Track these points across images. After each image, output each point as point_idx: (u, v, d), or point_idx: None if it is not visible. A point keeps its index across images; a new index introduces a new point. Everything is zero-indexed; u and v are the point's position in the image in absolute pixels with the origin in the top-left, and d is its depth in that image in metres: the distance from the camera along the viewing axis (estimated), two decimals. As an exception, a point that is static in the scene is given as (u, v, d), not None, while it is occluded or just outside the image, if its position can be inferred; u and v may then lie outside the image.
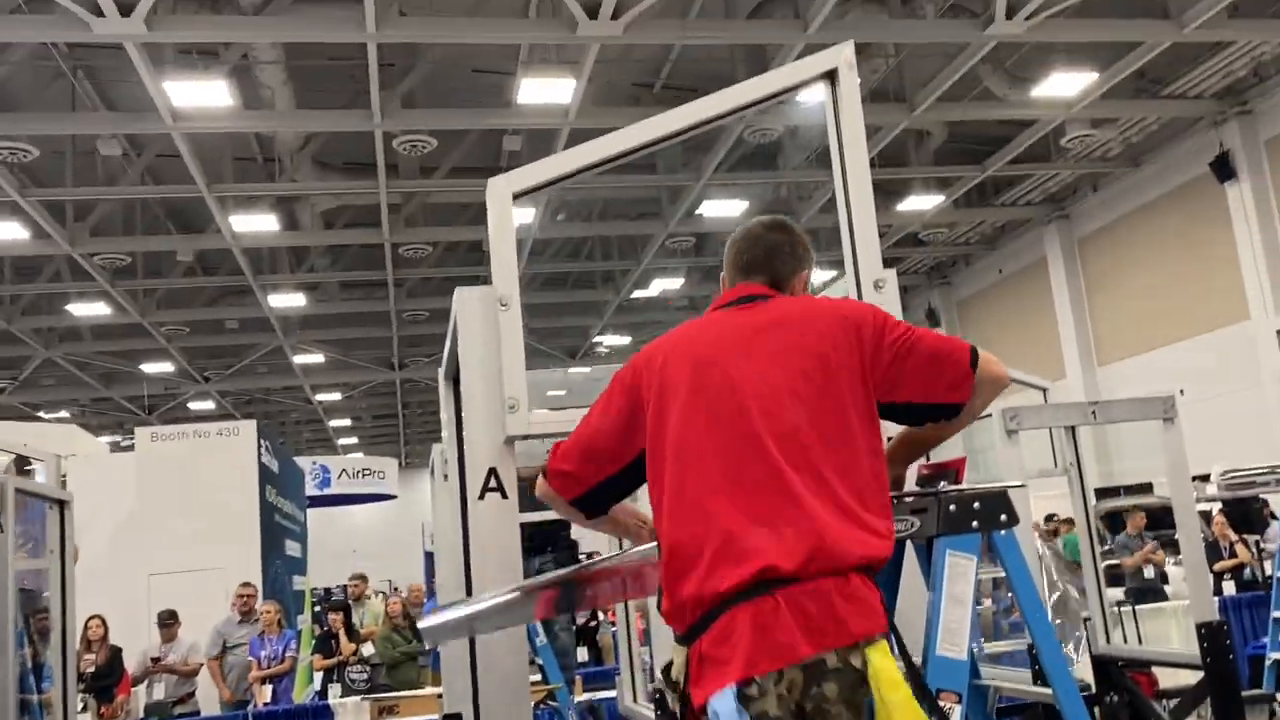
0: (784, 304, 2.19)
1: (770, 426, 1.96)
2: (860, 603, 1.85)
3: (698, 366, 2.05)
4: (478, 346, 1.98)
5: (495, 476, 1.89)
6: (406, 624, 8.89)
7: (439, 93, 13.41)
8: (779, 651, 1.79)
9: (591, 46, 11.04)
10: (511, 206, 2.12)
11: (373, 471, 17.89)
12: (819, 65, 2.49)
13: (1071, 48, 12.82)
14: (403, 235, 16.48)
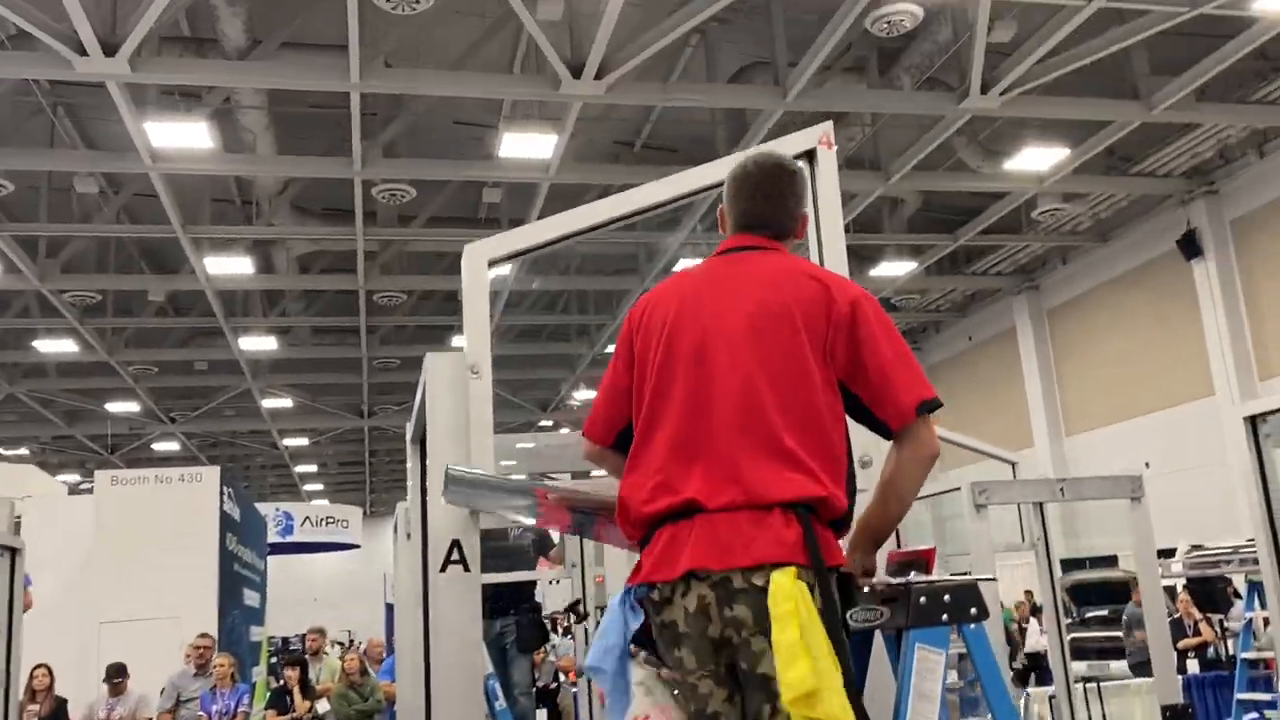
0: (770, 260, 2.29)
1: (724, 374, 2.12)
2: (773, 531, 1.98)
3: (675, 315, 2.22)
4: (446, 414, 1.97)
5: (458, 549, 1.86)
6: (364, 681, 8.71)
7: (420, 142, 13.48)
8: (679, 561, 2.00)
9: (574, 104, 11.15)
10: (487, 273, 2.12)
11: (336, 520, 17.65)
12: (798, 145, 2.56)
13: (1044, 124, 13.09)
14: (378, 282, 16.45)
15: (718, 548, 1.98)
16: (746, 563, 1.95)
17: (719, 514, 2.01)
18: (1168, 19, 10.46)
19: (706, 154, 13.82)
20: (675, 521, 2.04)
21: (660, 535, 2.06)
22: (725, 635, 1.96)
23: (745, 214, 2.36)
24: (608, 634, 2.04)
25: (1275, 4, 10.16)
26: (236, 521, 10.50)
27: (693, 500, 2.03)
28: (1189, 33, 11.26)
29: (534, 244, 2.30)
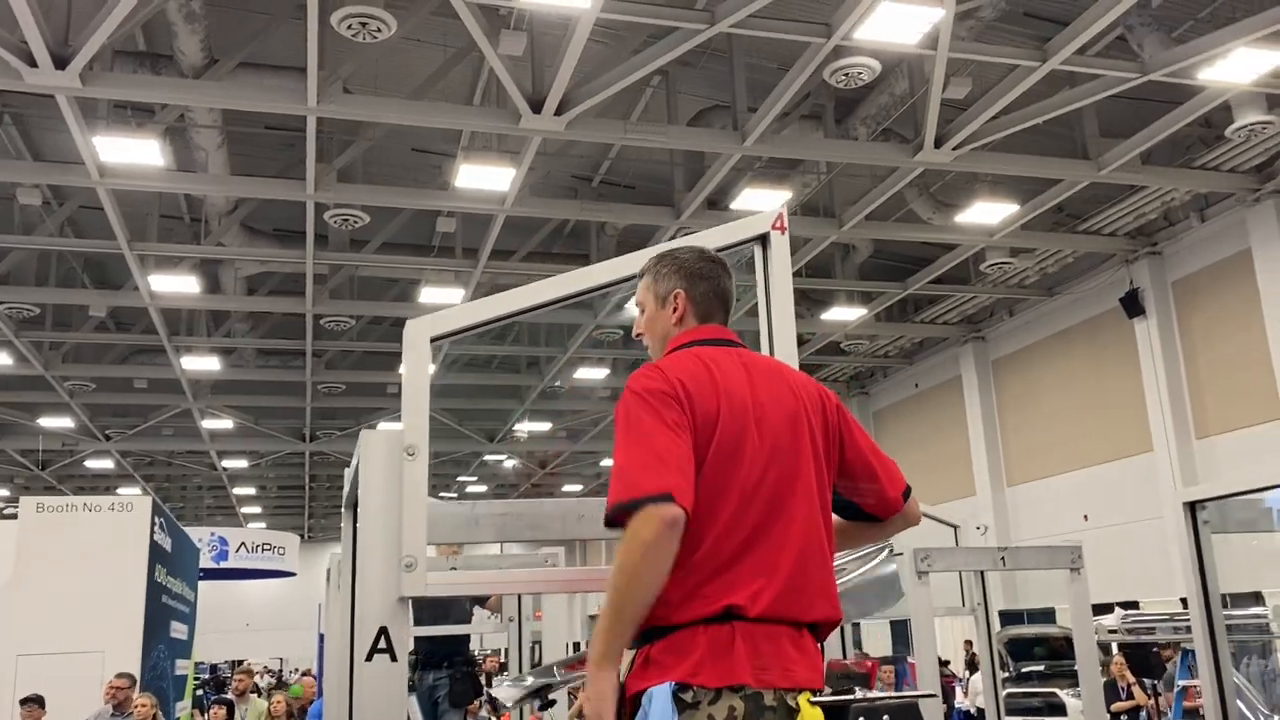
0: (756, 356, 2.29)
1: (774, 475, 2.07)
2: (808, 655, 2.01)
3: (730, 399, 2.11)
4: (379, 495, 1.88)
5: (386, 637, 1.78)
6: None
7: (376, 167, 13.39)
8: (722, 671, 1.91)
9: (533, 139, 11.14)
10: (429, 350, 2.05)
11: (273, 547, 17.27)
12: (753, 228, 2.55)
13: (995, 179, 13.33)
14: (326, 306, 16.24)
15: (760, 666, 1.94)
16: (785, 685, 1.96)
17: (762, 627, 1.96)
18: (1118, 84, 10.72)
19: (664, 193, 13.90)
20: (709, 624, 1.95)
21: (697, 635, 1.94)
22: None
23: (713, 309, 2.33)
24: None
25: (1220, 75, 10.44)
26: (167, 552, 10.19)
27: (735, 607, 1.96)
28: (1137, 97, 11.55)
29: (477, 321, 2.23)
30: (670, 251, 2.40)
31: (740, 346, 2.28)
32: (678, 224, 13.46)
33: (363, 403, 22.47)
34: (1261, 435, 13.60)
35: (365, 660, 1.76)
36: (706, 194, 12.83)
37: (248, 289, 16.22)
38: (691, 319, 2.33)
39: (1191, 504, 3.34)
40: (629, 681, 1.99)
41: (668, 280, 2.35)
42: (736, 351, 2.25)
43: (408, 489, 1.88)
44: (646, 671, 1.98)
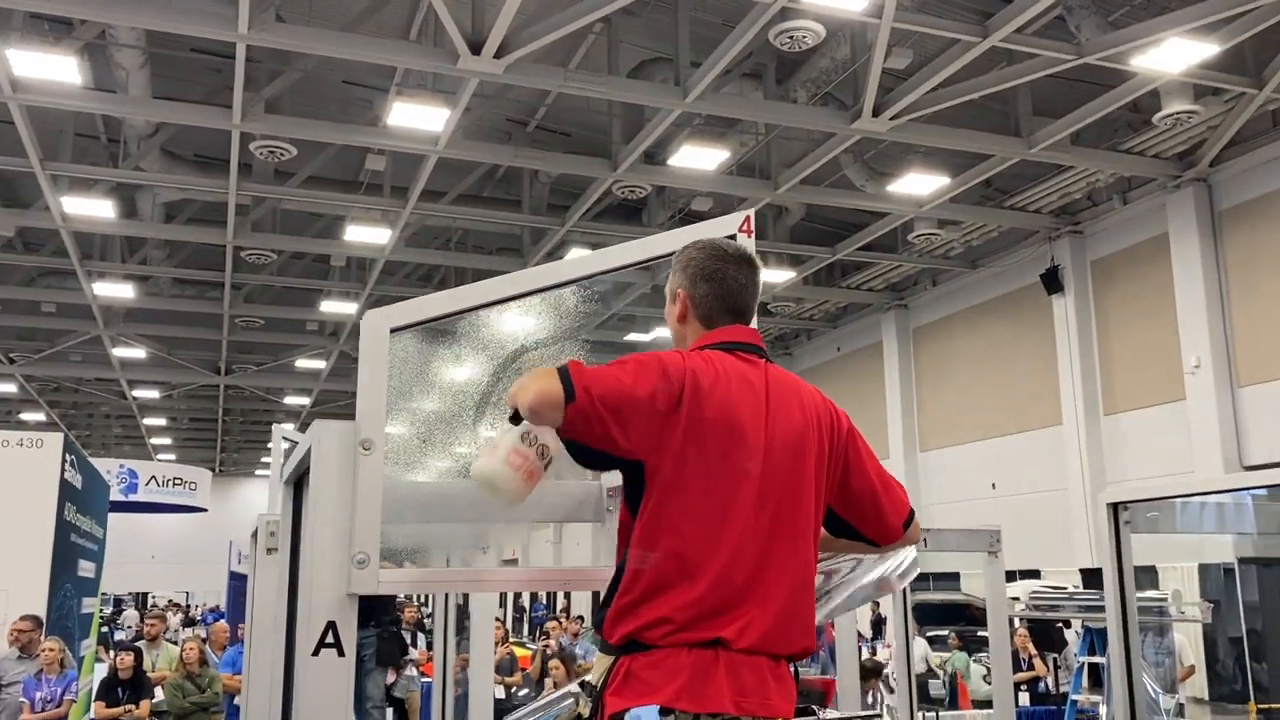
0: (777, 371, 2.21)
1: (775, 501, 2.04)
2: (786, 685, 2.02)
3: (742, 418, 2.05)
4: (330, 489, 1.81)
5: (334, 632, 1.74)
6: (202, 671, 8.28)
7: (305, 99, 13.01)
8: (705, 699, 1.91)
9: (470, 81, 10.92)
10: (387, 342, 1.99)
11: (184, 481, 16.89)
12: (720, 229, 2.51)
13: (929, 151, 13.46)
14: (247, 239, 15.82)
15: (742, 694, 1.95)
16: (764, 714, 1.97)
17: (745, 657, 1.96)
18: (1054, 64, 10.86)
19: (601, 142, 13.76)
20: (694, 648, 1.94)
21: (680, 656, 1.93)
22: None
23: (743, 309, 2.25)
24: None
25: (1152, 62, 10.65)
26: (77, 490, 9.88)
27: (720, 640, 1.95)
28: (1070, 78, 11.74)
29: (441, 313, 2.16)
30: (691, 244, 2.30)
31: (762, 353, 2.19)
32: (614, 176, 13.37)
33: (281, 338, 22.04)
34: (1163, 415, 14.10)
35: (311, 655, 1.72)
36: (645, 148, 12.73)
37: (166, 216, 15.71)
38: (695, 320, 2.24)
39: (1114, 505, 3.45)
40: (608, 697, 1.97)
41: (676, 276, 2.27)
42: (755, 364, 2.16)
43: (361, 484, 1.83)
44: (627, 688, 1.95)
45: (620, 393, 1.95)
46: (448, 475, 2.19)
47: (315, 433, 1.86)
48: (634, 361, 2.02)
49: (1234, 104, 12.03)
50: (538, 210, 15.48)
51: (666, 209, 15.82)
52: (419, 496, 2.10)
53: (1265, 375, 12.93)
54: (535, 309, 2.41)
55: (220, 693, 8.29)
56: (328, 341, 22.19)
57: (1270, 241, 13.03)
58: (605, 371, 1.97)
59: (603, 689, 1.98)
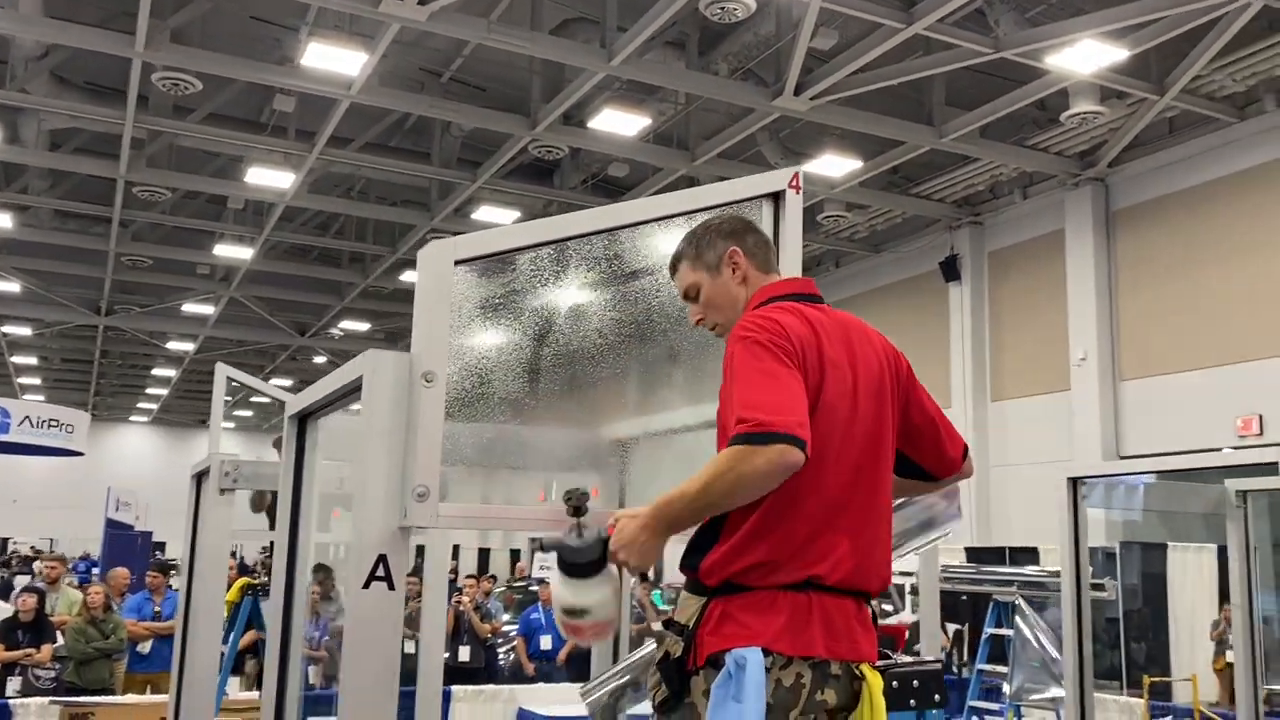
0: (844, 315, 2.25)
1: (861, 441, 2.10)
2: (870, 630, 2.08)
3: (835, 368, 2.09)
4: (384, 420, 1.74)
5: (385, 565, 1.68)
6: (106, 617, 7.95)
7: (212, 32, 12.43)
8: (800, 642, 1.96)
9: (391, 25, 10.59)
10: (451, 274, 1.90)
11: (60, 423, 16.13)
12: (767, 185, 2.49)
13: (843, 134, 13.63)
14: (141, 174, 15.12)
15: (833, 637, 2.00)
16: (851, 657, 2.02)
17: (836, 599, 2.02)
18: (972, 56, 11.09)
19: (516, 99, 13.53)
20: (789, 590, 1.98)
21: (778, 599, 1.97)
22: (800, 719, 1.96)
23: (770, 251, 2.33)
24: (750, 702, 1.86)
25: (1065, 62, 10.97)
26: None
27: (816, 577, 2.00)
28: (983, 72, 12.01)
29: (510, 247, 2.08)
30: (699, 224, 2.33)
31: (823, 302, 2.24)
32: (531, 134, 13.17)
33: (169, 280, 21.20)
34: (1048, 404, 14.66)
35: (362, 588, 1.67)
36: (565, 108, 12.56)
37: (51, 144, 14.89)
38: (755, 272, 2.26)
39: (1074, 480, 3.57)
40: (705, 637, 1.98)
41: (714, 245, 2.26)
42: (827, 310, 2.21)
43: (425, 417, 1.76)
44: (724, 629, 1.96)
45: (794, 394, 1.97)
46: (498, 418, 2.12)
47: (369, 364, 1.77)
48: (764, 368, 1.99)
49: (1136, 108, 12.48)
50: (447, 164, 15.18)
51: (580, 172, 15.69)
52: (478, 437, 2.03)
53: (1145, 371, 13.55)
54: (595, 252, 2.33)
55: (124, 639, 8.00)
56: (218, 286, 21.43)
57: (1159, 244, 13.61)
58: (775, 398, 1.93)
59: (696, 628, 2.00)
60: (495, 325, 2.17)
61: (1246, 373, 12.26)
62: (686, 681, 1.98)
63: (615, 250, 2.37)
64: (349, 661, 1.63)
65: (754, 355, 1.99)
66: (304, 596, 1.69)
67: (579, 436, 2.34)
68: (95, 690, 7.46)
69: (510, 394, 2.13)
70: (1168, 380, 13.22)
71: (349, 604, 1.67)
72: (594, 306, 2.39)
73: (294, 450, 2.08)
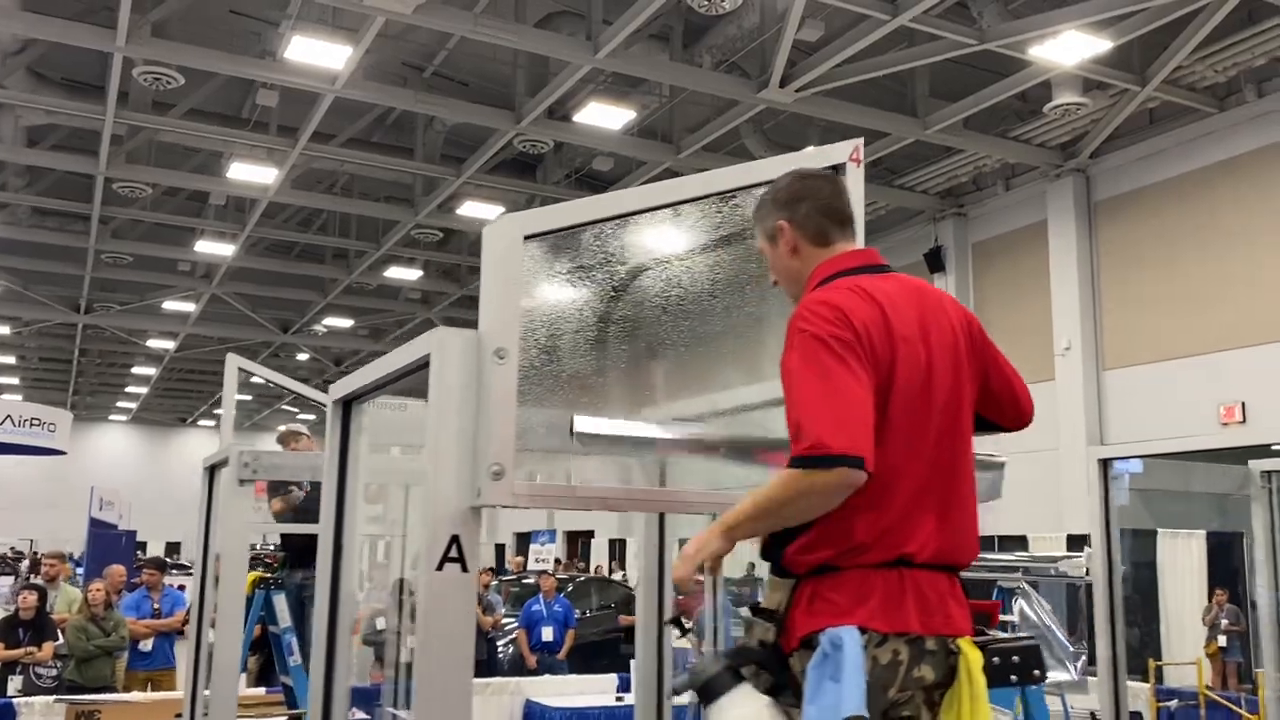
0: (915, 283, 2.18)
1: (942, 412, 2.06)
2: (963, 604, 2.06)
3: (906, 345, 2.04)
4: (455, 398, 1.72)
5: (458, 545, 1.67)
6: (107, 615, 7.86)
7: (189, 26, 12.32)
8: (895, 619, 1.94)
9: (376, 19, 10.54)
10: (521, 249, 1.88)
11: (43, 423, 15.95)
12: (829, 157, 2.47)
13: (827, 125, 13.64)
14: (122, 170, 14.98)
15: (927, 613, 1.98)
16: (946, 631, 1.99)
17: (928, 574, 2.00)
18: (957, 48, 11.12)
19: (499, 94, 13.49)
20: (881, 568, 1.96)
21: (869, 577, 1.95)
22: (898, 696, 1.94)
23: (847, 219, 2.23)
24: (850, 681, 1.84)
25: (1048, 53, 11.02)
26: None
27: (907, 555, 1.99)
28: (966, 64, 12.06)
29: (579, 221, 2.07)
30: (766, 189, 2.27)
31: (890, 270, 2.17)
32: (517, 129, 13.13)
33: (150, 277, 21.02)
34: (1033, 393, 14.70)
35: (435, 569, 1.65)
36: (550, 102, 12.53)
37: (28, 140, 14.74)
38: (808, 245, 2.19)
39: (1104, 461, 3.59)
40: (797, 617, 1.96)
41: (769, 216, 2.22)
42: (896, 279, 2.14)
43: (498, 394, 1.74)
44: (816, 609, 1.94)
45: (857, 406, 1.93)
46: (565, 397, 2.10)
47: (436, 342, 1.75)
48: (825, 374, 1.94)
49: (1118, 99, 12.56)
50: (431, 159, 15.12)
51: (563, 167, 15.66)
52: (549, 417, 2.02)
53: (1128, 360, 13.65)
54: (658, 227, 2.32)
55: (126, 636, 7.93)
56: (199, 283, 21.28)
57: (1139, 234, 13.71)
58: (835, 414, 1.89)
59: (788, 611, 1.98)
60: (552, 302, 2.15)
61: (1228, 361, 12.38)
62: (785, 665, 1.98)
63: (673, 227, 2.37)
64: (424, 644, 1.62)
65: (811, 355, 1.94)
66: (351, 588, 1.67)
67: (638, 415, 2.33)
68: (97, 688, 7.40)
69: (566, 373, 2.12)
70: (1150, 369, 13.33)
71: (421, 586, 1.66)
72: (654, 283, 2.39)
73: (339, 435, 2.06)
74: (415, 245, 18.69)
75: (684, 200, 2.27)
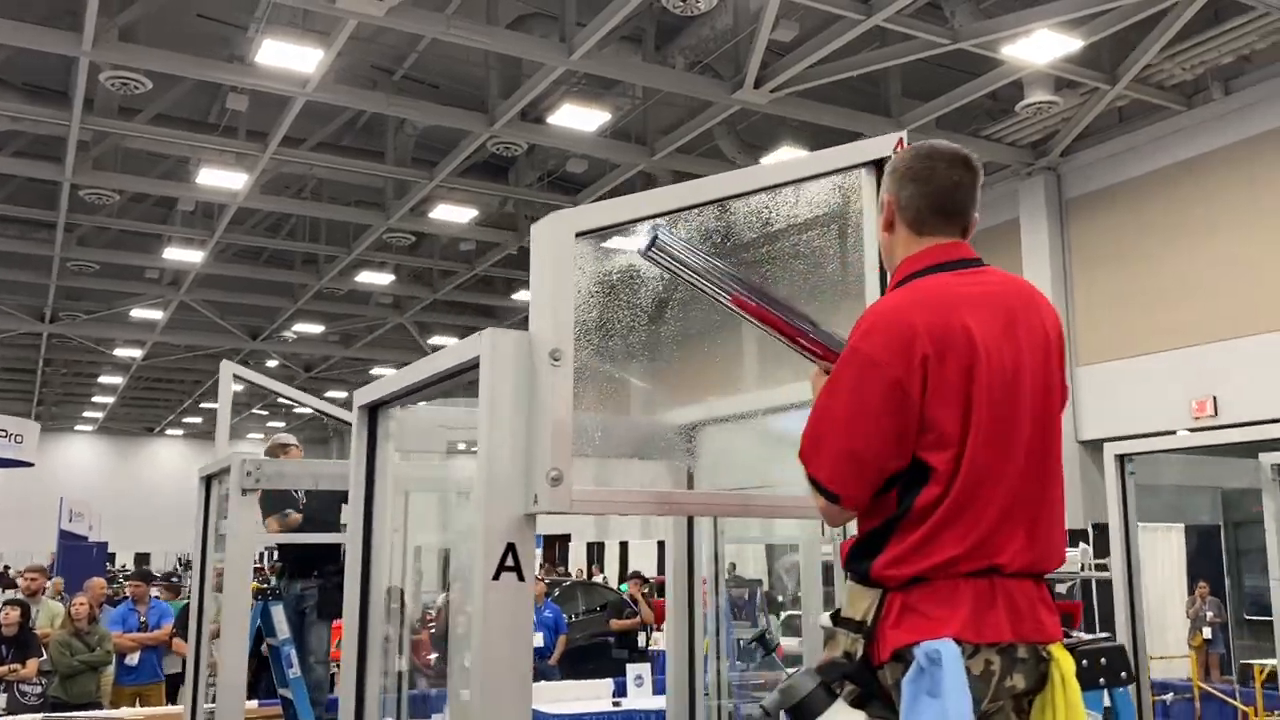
0: (1006, 279, 2.11)
1: (1039, 422, 2.01)
2: (1052, 610, 2.02)
3: (988, 349, 1.96)
4: (508, 402, 1.66)
5: (514, 553, 1.62)
6: (91, 629, 7.70)
7: (155, 31, 12.14)
8: (987, 630, 1.91)
9: (348, 21, 10.43)
10: (573, 247, 1.84)
11: (9, 434, 15.70)
12: (868, 152, 2.42)
13: (800, 126, 13.66)
14: (88, 177, 14.76)
15: (1018, 621, 1.94)
16: (1038, 639, 1.97)
17: (1017, 582, 1.96)
18: (930, 47, 11.17)
19: (470, 96, 13.39)
20: (972, 577, 1.92)
21: (960, 587, 1.91)
22: (990, 707, 1.91)
23: (953, 211, 2.12)
24: (953, 696, 1.80)
25: (1021, 52, 11.09)
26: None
27: (997, 566, 1.95)
28: (938, 64, 12.11)
29: (632, 217, 2.03)
30: (905, 149, 2.18)
31: (982, 265, 2.09)
32: (490, 131, 13.05)
33: (116, 285, 20.72)
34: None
35: (492, 579, 1.61)
36: (524, 104, 12.46)
37: (-10, 147, 14.50)
38: (902, 226, 2.10)
39: (1121, 457, 3.58)
40: (886, 631, 1.91)
41: (884, 183, 2.14)
42: (983, 276, 2.06)
43: (556, 398, 1.69)
44: (907, 622, 1.89)
45: (857, 455, 1.93)
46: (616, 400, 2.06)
47: (487, 343, 1.70)
48: (850, 396, 1.94)
49: (1088, 98, 12.67)
50: (402, 163, 15.00)
51: (536, 169, 15.59)
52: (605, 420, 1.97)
53: (1101, 356, 13.76)
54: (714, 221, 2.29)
55: (111, 651, 7.77)
56: (167, 290, 21.00)
57: (1110, 232, 13.84)
58: (835, 444, 1.94)
59: (876, 623, 1.93)
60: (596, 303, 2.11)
61: (1200, 356, 12.51)
62: (874, 676, 1.94)
63: (720, 222, 2.33)
64: (481, 656, 1.57)
65: (855, 373, 1.93)
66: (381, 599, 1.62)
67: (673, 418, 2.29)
68: (82, 704, 7.24)
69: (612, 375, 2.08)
70: (1123, 365, 13.45)
71: (477, 596, 1.62)
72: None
73: (366, 442, 2.01)
74: (386, 249, 18.55)
75: (729, 196, 2.23)
